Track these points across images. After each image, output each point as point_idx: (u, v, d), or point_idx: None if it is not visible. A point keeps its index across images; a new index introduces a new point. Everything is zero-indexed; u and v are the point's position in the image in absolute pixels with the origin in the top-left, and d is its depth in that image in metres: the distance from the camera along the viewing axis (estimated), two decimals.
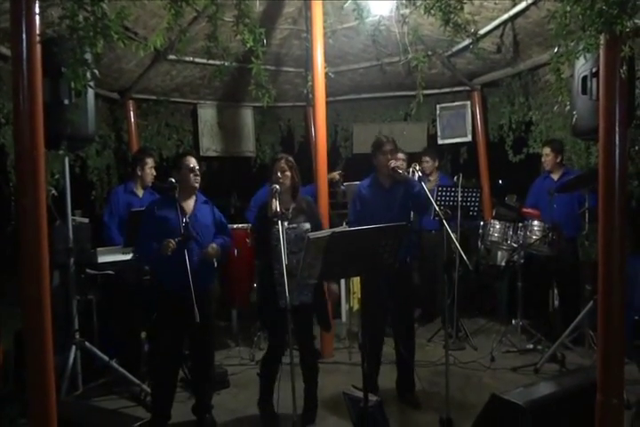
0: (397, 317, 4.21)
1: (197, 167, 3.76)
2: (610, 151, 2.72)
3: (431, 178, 6.07)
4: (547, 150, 5.43)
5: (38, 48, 2.38)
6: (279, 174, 3.67)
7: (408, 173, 4.42)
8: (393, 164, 4.00)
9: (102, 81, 5.43)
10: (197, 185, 3.74)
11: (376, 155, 4.14)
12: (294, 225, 3.66)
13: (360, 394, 3.24)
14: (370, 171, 5.88)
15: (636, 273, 4.52)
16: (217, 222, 3.88)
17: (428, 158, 6.13)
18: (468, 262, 3.31)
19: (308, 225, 3.70)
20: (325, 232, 3.10)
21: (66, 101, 3.45)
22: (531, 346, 5.11)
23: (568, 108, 3.71)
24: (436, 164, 6.21)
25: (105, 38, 2.45)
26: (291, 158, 3.77)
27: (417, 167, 4.22)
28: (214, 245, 3.74)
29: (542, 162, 5.50)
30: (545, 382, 3.69)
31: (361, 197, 4.22)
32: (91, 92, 3.68)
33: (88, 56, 2.69)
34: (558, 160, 5.40)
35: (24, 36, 2.34)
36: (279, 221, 3.39)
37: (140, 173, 4.79)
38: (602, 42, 2.60)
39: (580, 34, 2.59)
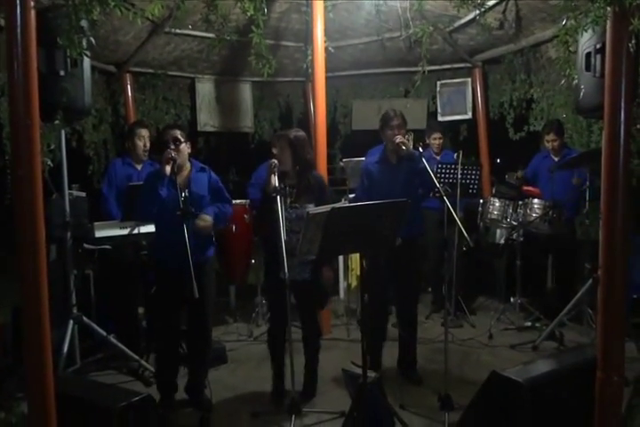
0: (400, 294, 4.20)
1: (176, 137, 3.56)
2: (615, 129, 2.68)
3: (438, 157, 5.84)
4: (552, 136, 5.32)
5: (33, 16, 2.31)
6: (278, 152, 3.67)
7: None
8: (398, 139, 3.92)
9: (99, 53, 5.35)
10: (179, 158, 3.54)
11: (384, 129, 4.07)
12: (297, 205, 3.62)
13: (359, 370, 3.25)
14: (368, 147, 5.87)
15: (635, 252, 4.51)
16: (213, 189, 3.73)
17: (439, 135, 5.92)
18: (469, 239, 3.28)
19: (311, 206, 3.61)
20: (325, 208, 3.07)
21: (61, 72, 3.38)
22: (529, 324, 5.13)
23: (576, 81, 3.64)
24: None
25: (101, 5, 2.38)
26: (296, 136, 3.68)
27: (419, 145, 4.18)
28: (206, 216, 3.60)
29: (549, 148, 5.40)
30: (544, 359, 3.70)
31: (368, 173, 4.16)
32: (87, 63, 3.61)
33: (84, 23, 2.62)
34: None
35: (18, 3, 2.27)
36: (278, 197, 3.36)
37: (130, 145, 4.71)
38: (610, 15, 2.54)
39: (588, 6, 2.53)
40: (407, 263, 4.11)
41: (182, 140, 3.59)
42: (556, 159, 5.35)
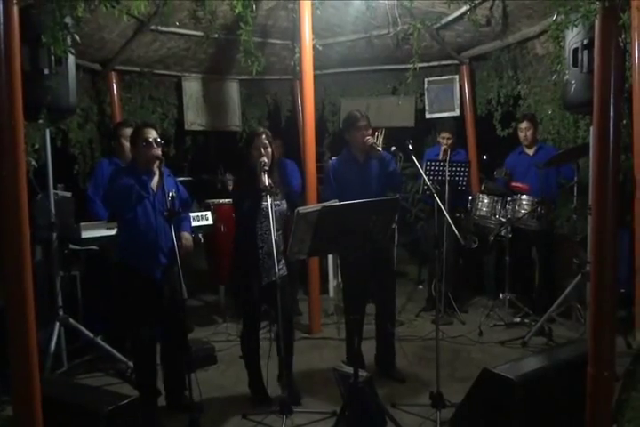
0: (379, 290, 4.17)
1: (156, 139, 3.50)
2: (604, 124, 2.66)
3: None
4: (526, 124, 5.37)
5: (16, 12, 2.27)
6: (262, 151, 3.56)
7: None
8: (370, 140, 3.94)
9: (84, 51, 5.28)
10: (158, 158, 3.47)
11: (350, 130, 4.08)
12: (277, 202, 3.59)
13: (350, 370, 3.23)
14: None
15: (622, 246, 4.53)
16: (181, 193, 3.73)
17: (448, 135, 5.62)
18: (459, 236, 3.28)
19: (285, 203, 3.68)
20: (316, 206, 3.05)
21: (46, 70, 3.33)
22: (518, 320, 5.14)
23: (567, 77, 3.64)
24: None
25: (86, 1, 2.34)
26: (268, 131, 3.68)
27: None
28: (187, 235, 3.73)
29: (521, 137, 5.43)
30: (535, 355, 3.72)
31: (335, 173, 4.14)
32: (71, 61, 3.57)
33: (68, 20, 2.58)
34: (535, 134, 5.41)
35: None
36: (268, 196, 3.33)
37: (118, 146, 4.67)
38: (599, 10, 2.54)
39: (577, 1, 2.53)
40: (385, 260, 4.11)
41: (161, 141, 3.56)
42: (531, 153, 5.39)
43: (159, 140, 3.54)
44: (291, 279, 3.86)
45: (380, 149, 3.93)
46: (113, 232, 4.22)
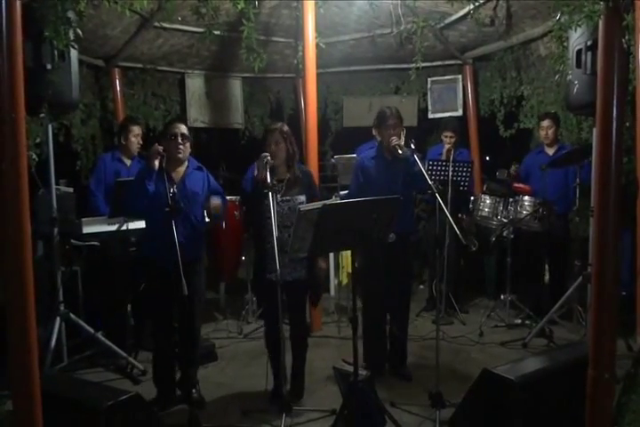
0: (393, 290, 4.16)
1: (184, 133, 3.57)
2: (607, 126, 2.65)
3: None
4: (547, 123, 5.28)
5: (18, 7, 2.27)
6: (273, 147, 3.55)
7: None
8: (394, 141, 3.83)
9: (87, 47, 5.27)
10: (182, 154, 3.56)
11: (379, 127, 4.01)
12: (288, 198, 3.57)
13: (350, 368, 3.23)
14: (359, 144, 5.83)
15: (624, 248, 4.52)
16: (212, 189, 3.74)
17: (450, 133, 5.52)
18: (461, 236, 3.27)
19: (302, 198, 3.60)
20: (316, 204, 3.04)
21: (48, 65, 3.32)
22: (519, 321, 5.14)
23: (570, 77, 3.63)
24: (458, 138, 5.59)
25: None
26: (286, 128, 3.64)
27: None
28: (215, 198, 3.68)
29: (542, 135, 5.34)
30: (535, 356, 3.71)
31: (364, 169, 4.08)
32: (74, 56, 3.56)
33: (71, 14, 2.57)
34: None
35: None
36: (270, 193, 3.32)
37: (124, 142, 4.69)
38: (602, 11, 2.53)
39: (582, 1, 2.52)
40: (399, 259, 4.08)
41: (189, 135, 3.61)
42: (551, 153, 5.31)
43: (187, 134, 3.60)
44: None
45: (401, 151, 3.81)
46: (114, 228, 4.23)
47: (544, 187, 4.97)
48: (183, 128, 3.60)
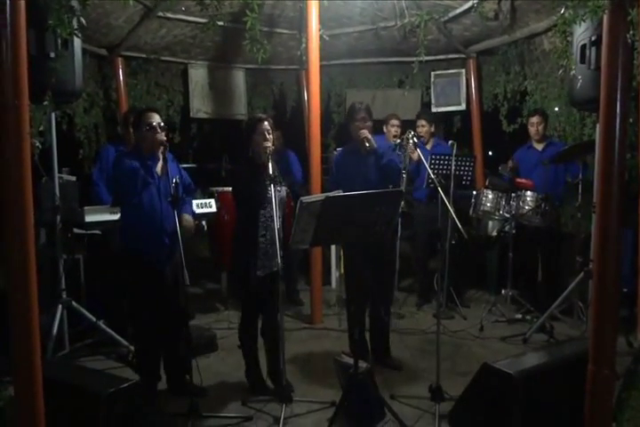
0: (377, 280, 4.15)
1: (161, 124, 3.51)
2: (610, 122, 2.65)
3: (427, 146, 5.67)
4: (537, 119, 5.34)
5: None
6: (267, 135, 3.51)
7: (402, 139, 4.36)
8: (363, 134, 3.93)
9: (90, 36, 5.28)
10: (165, 145, 3.47)
11: (350, 122, 4.08)
12: (278, 188, 3.56)
13: (350, 361, 3.24)
14: None
15: (625, 245, 4.53)
16: (184, 182, 3.73)
17: (424, 122, 5.69)
18: (463, 231, 3.27)
19: (285, 189, 3.66)
20: (319, 196, 3.05)
21: (52, 54, 3.33)
22: (519, 316, 5.14)
23: (573, 72, 3.62)
24: (432, 128, 5.73)
25: None
26: (270, 120, 3.63)
27: (410, 134, 4.17)
28: (187, 216, 3.70)
29: (532, 131, 5.40)
30: (535, 352, 3.71)
31: (338, 164, 4.18)
32: (77, 45, 3.56)
33: (74, 3, 2.57)
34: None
35: None
36: (272, 185, 3.32)
37: (127, 133, 4.66)
38: (607, 5, 2.51)
39: None
40: (384, 250, 4.11)
41: (165, 126, 3.56)
42: (540, 148, 5.37)
43: (162, 124, 3.54)
44: (288, 271, 3.81)
45: (368, 144, 3.90)
46: (116, 217, 4.21)
47: (537, 182, 5.05)
48: (158, 118, 3.55)
